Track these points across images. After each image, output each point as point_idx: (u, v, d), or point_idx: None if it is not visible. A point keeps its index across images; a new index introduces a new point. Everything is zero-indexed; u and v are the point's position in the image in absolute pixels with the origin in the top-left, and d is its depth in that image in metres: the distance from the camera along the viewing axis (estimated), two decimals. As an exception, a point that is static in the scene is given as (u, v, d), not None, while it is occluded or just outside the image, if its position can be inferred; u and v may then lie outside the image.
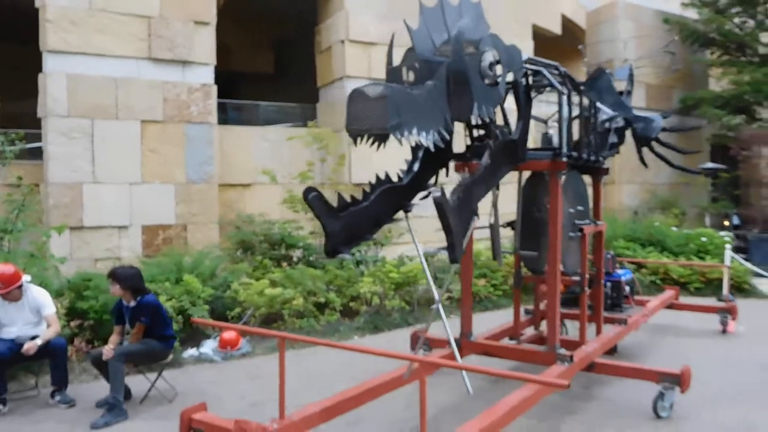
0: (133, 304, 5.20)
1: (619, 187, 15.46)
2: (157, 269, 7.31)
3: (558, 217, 4.91)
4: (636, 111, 6.62)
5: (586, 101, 5.36)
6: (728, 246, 9.73)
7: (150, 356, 5.21)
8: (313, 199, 3.50)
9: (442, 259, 8.65)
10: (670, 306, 7.69)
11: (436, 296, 4.03)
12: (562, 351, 4.92)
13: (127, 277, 5.20)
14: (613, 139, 6.01)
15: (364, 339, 7.49)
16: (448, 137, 3.72)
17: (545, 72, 4.73)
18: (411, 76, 3.90)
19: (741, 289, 10.04)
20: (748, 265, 10.28)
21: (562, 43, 15.16)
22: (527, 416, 4.44)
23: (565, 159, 4.80)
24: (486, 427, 3.64)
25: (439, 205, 3.47)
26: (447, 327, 4.28)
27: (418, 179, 4.04)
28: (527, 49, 13.34)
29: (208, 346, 6.66)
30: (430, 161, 4.12)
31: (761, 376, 5.83)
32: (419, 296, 8.51)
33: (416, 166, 4.04)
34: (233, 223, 9.36)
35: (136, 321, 5.13)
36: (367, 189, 3.80)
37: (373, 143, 3.36)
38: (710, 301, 8.48)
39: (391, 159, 4.56)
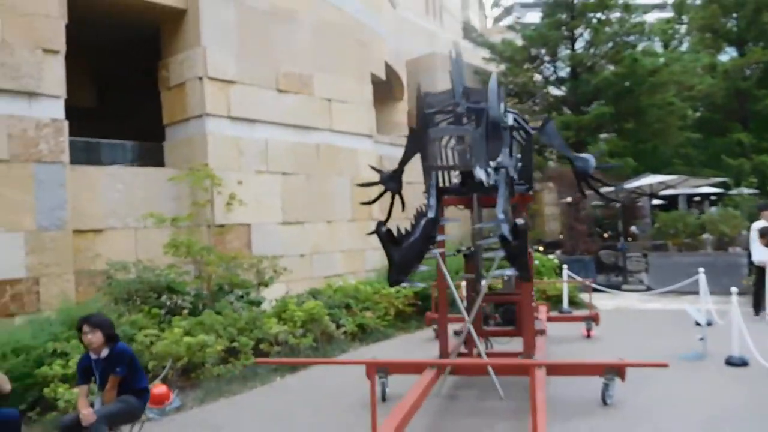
0: (105, 354, 4.75)
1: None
2: (47, 327, 6.57)
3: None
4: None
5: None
6: (565, 266, 11.54)
7: (129, 415, 4.75)
8: (384, 233, 3.89)
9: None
10: (548, 318, 8.98)
11: (467, 318, 4.54)
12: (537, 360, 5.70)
13: (105, 323, 4.77)
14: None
15: (285, 379, 7.50)
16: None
17: (521, 121, 5.58)
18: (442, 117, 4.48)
19: (573, 302, 11.91)
20: (580, 279, 12.21)
21: (384, 86, 16.63)
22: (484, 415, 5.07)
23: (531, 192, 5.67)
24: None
25: (524, 231, 4.02)
26: (480, 347, 4.78)
27: (438, 213, 4.60)
28: (367, 93, 14.44)
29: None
30: (439, 197, 4.72)
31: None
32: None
33: (435, 201, 4.58)
34: (101, 273, 8.66)
35: (110, 373, 4.70)
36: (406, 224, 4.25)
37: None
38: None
39: (260, 201, 5.01)
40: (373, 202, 6.71)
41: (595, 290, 11.70)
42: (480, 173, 4.16)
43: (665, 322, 10.25)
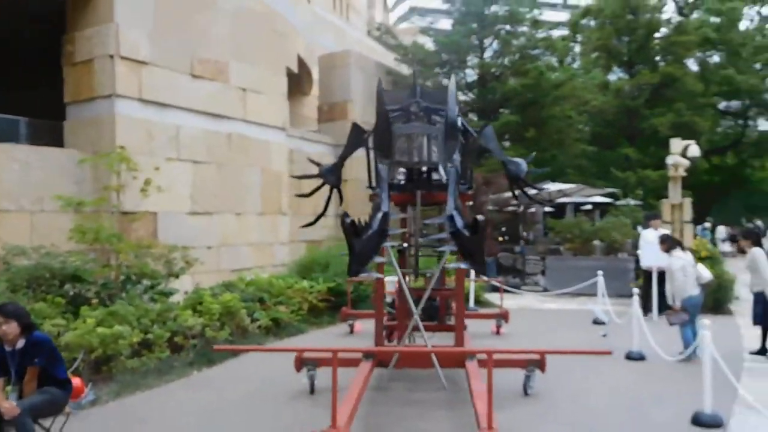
0: (21, 345, 4.44)
1: (354, 217, 17.23)
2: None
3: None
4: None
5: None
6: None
7: (53, 407, 4.45)
8: (348, 224, 3.97)
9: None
10: (462, 315, 9.32)
11: (414, 311, 4.70)
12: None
13: (21, 313, 4.45)
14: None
15: (202, 373, 7.33)
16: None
17: (465, 124, 5.80)
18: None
19: (478, 301, 12.42)
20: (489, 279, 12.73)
21: (294, 79, 16.57)
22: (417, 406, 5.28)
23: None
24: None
25: (483, 227, 4.20)
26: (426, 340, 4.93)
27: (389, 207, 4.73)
28: (282, 85, 14.31)
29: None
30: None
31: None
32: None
33: (387, 196, 4.71)
34: (-2, 258, 8.06)
35: (27, 365, 4.41)
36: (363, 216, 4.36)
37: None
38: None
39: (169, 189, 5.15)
40: (310, 194, 6.72)
41: (497, 290, 12.26)
42: (442, 171, 4.36)
43: (565, 320, 10.93)
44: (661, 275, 10.65)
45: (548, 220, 17.60)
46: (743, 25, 28.07)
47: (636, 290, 7.89)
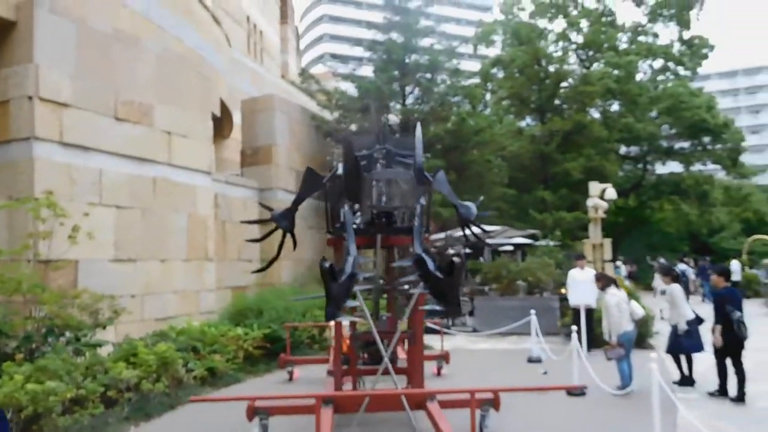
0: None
1: (278, 263, 16.99)
2: None
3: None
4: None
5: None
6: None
7: None
8: (327, 268, 4.01)
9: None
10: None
11: (384, 353, 4.72)
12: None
13: None
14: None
15: (140, 428, 6.94)
16: None
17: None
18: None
19: (411, 344, 12.47)
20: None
21: (215, 122, 16.42)
22: None
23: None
24: None
25: (459, 268, 4.29)
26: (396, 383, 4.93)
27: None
28: (208, 129, 14.15)
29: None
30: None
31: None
32: None
33: (354, 241, 4.77)
34: None
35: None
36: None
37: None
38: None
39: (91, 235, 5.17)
40: (263, 239, 6.67)
41: (430, 331, 12.39)
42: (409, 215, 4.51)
43: (500, 360, 11.16)
44: (589, 312, 11.16)
45: (469, 262, 18.05)
46: (639, 77, 30.43)
47: (575, 327, 8.22)
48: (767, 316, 16.37)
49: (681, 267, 21.85)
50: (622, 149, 30.04)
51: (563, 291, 12.01)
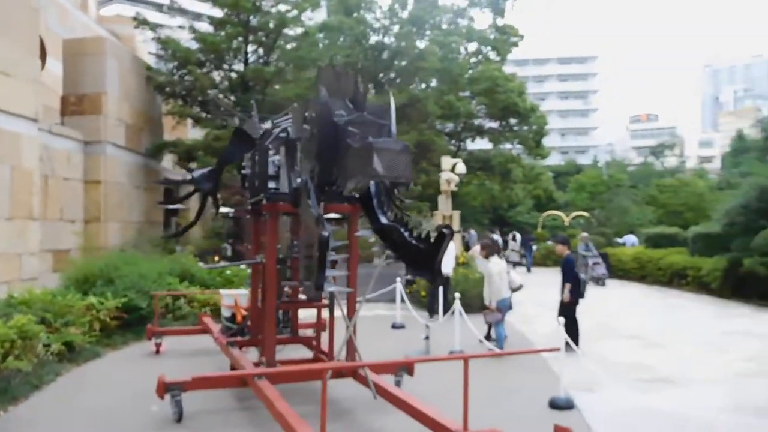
0: None
1: (105, 225, 15.60)
2: None
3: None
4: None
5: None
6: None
7: None
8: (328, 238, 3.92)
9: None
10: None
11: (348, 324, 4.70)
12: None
13: None
14: None
15: (9, 413, 6.08)
16: None
17: None
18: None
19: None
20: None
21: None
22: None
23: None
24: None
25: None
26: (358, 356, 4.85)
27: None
28: (34, 68, 12.44)
29: None
30: None
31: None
32: None
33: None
34: None
35: None
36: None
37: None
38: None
39: None
40: (179, 202, 6.11)
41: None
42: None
43: (362, 327, 11.39)
44: (446, 281, 11.85)
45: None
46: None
47: (458, 295, 8.70)
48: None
49: (496, 237, 23.91)
50: (440, 125, 31.77)
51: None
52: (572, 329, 8.80)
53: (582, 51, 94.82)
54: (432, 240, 4.39)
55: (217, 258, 15.92)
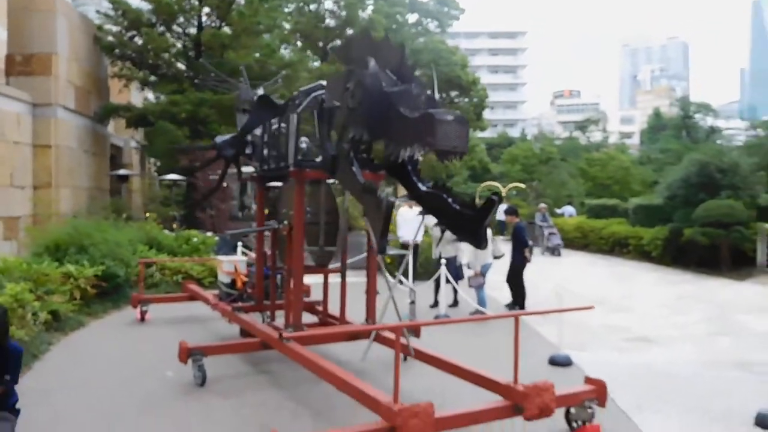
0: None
1: (56, 191, 14.94)
2: None
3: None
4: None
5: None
6: (240, 243, 11.77)
7: None
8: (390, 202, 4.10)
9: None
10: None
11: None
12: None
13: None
14: None
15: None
16: None
17: None
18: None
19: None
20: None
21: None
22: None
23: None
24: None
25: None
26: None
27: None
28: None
29: None
30: None
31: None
32: None
33: None
34: None
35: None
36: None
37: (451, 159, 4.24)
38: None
39: None
40: (202, 168, 6.02)
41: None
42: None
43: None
44: (415, 248, 12.10)
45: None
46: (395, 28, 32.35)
47: (443, 261, 8.95)
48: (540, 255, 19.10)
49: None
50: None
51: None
52: (521, 292, 9.45)
53: (512, 26, 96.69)
54: (479, 207, 4.56)
55: (175, 225, 15.60)
